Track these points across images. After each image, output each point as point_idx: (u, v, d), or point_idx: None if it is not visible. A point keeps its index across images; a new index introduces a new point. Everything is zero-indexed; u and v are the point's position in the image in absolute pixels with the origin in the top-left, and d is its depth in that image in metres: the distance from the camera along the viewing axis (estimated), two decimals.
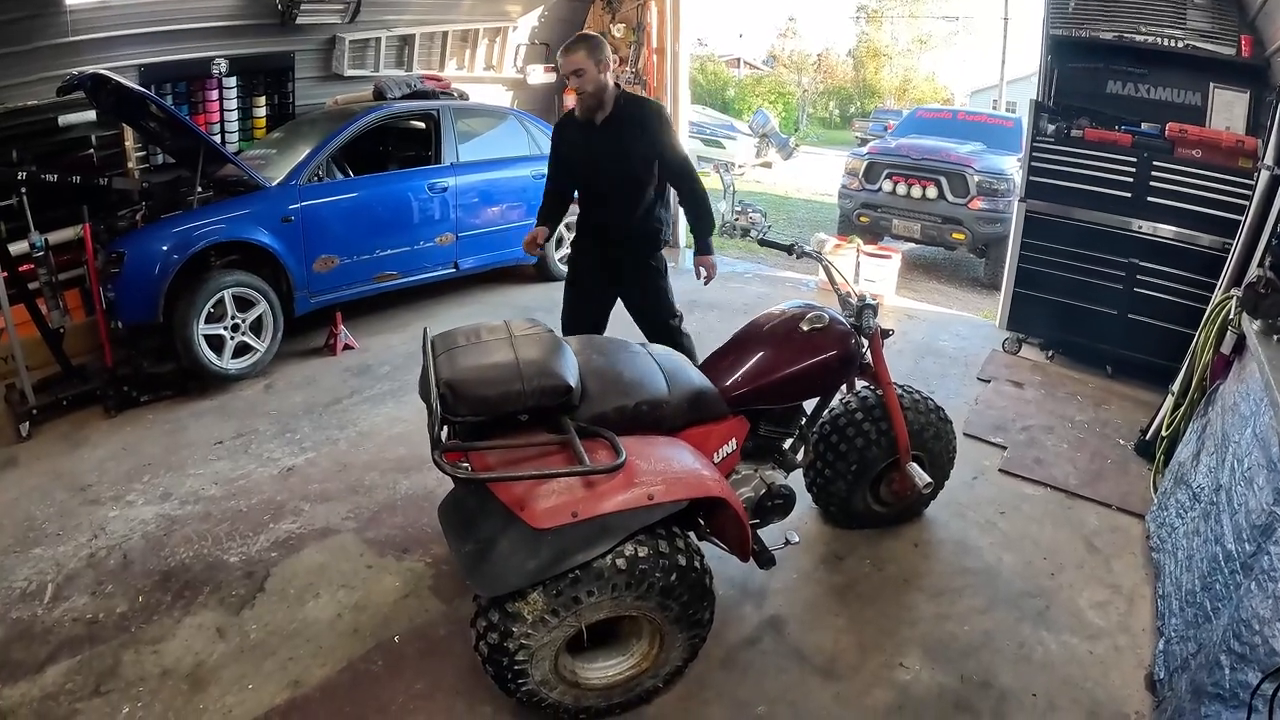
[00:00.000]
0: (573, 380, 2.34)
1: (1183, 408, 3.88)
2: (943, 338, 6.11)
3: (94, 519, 3.51)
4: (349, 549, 3.34)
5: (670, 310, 3.91)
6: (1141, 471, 4.07)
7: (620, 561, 2.15)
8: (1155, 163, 4.92)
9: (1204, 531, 2.83)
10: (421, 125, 6.53)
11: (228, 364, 4.89)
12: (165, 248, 4.64)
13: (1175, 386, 4.07)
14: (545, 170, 6.69)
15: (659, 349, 2.82)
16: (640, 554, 2.18)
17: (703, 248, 3.89)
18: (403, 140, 6.86)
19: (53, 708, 2.50)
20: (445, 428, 2.31)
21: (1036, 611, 3.05)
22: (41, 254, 4.40)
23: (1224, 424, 3.21)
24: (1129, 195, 5.05)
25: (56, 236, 4.69)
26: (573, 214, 4.19)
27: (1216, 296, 4.12)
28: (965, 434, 4.28)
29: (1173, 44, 4.98)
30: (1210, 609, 2.48)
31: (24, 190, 4.39)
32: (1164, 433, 3.97)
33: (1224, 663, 2.11)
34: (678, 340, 3.85)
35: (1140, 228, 5.03)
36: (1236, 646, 2.08)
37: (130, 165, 5.79)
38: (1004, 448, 4.29)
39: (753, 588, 3.12)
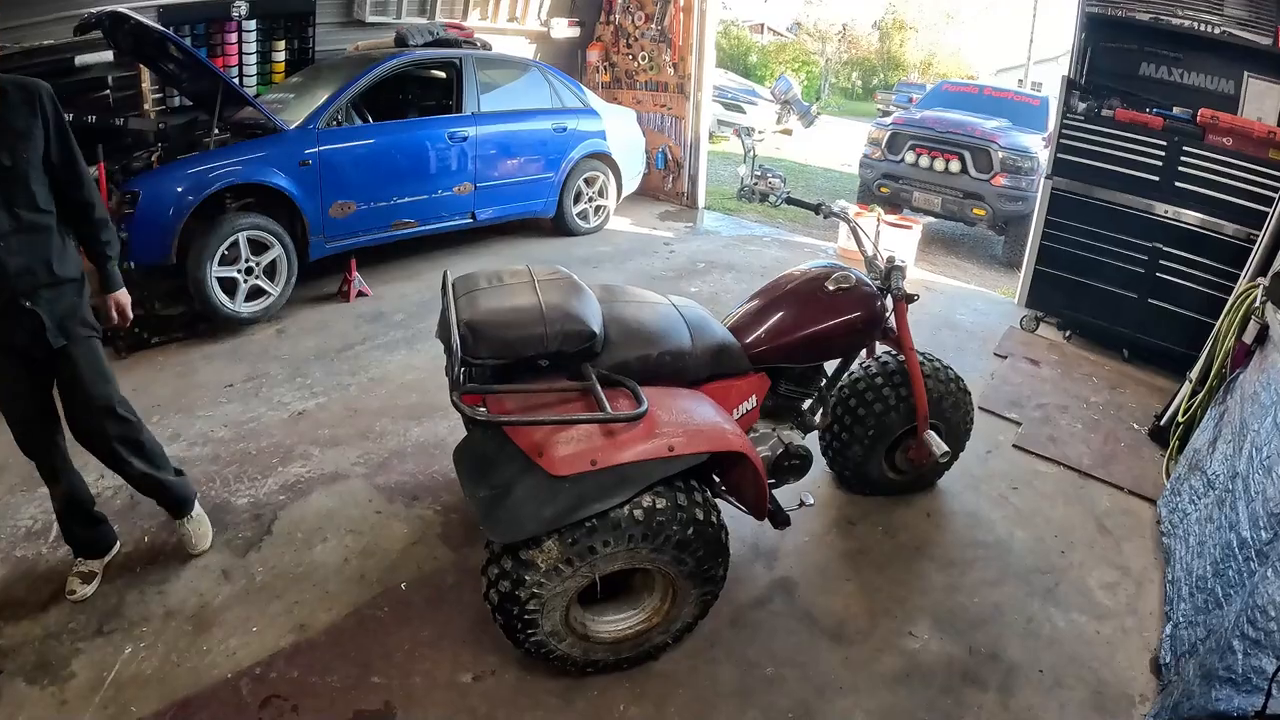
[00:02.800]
0: (596, 326, 2.31)
1: (1200, 395, 3.85)
2: (960, 311, 6.07)
3: None
4: (358, 495, 3.34)
5: (112, 394, 2.61)
6: (1154, 456, 4.05)
7: (638, 512, 2.13)
8: (1185, 148, 4.85)
9: (1218, 518, 2.82)
10: (443, 74, 6.46)
11: (240, 307, 4.87)
12: (180, 189, 4.59)
13: (1193, 373, 4.04)
14: (566, 125, 6.73)
15: (682, 300, 2.78)
16: (658, 505, 2.16)
17: (110, 280, 2.68)
18: (424, 88, 6.78)
19: (55, 647, 2.49)
20: (464, 370, 2.28)
21: (1046, 588, 3.04)
22: None
23: (1243, 412, 3.18)
24: (1156, 179, 4.99)
25: None
26: None
27: (1241, 285, 4.08)
28: (981, 408, 4.24)
29: (1209, 30, 4.88)
30: (1221, 595, 2.47)
31: None
32: (1180, 419, 3.94)
33: (1237, 648, 2.09)
34: (129, 440, 2.68)
35: (1165, 212, 4.97)
36: (1250, 632, 2.07)
37: (146, 106, 5.75)
38: (1018, 424, 4.27)
39: (764, 548, 3.12)
